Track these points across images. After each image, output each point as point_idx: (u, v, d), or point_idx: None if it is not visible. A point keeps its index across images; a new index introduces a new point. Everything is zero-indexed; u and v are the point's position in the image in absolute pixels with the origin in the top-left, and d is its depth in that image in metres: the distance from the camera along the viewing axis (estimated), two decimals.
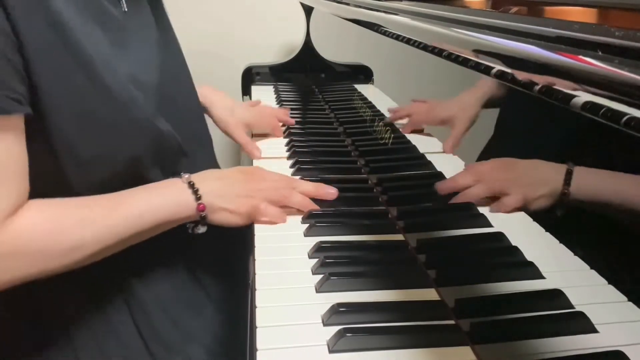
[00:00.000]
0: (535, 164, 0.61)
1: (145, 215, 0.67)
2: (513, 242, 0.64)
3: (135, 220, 0.66)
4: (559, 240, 0.60)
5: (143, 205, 0.67)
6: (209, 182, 0.73)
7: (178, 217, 0.70)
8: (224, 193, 0.73)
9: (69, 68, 0.61)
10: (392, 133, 0.94)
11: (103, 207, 0.65)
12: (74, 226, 0.63)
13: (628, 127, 0.32)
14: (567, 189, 0.53)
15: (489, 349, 0.50)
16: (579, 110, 0.38)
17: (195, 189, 0.71)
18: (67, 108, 0.62)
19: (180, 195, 0.70)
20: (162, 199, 0.69)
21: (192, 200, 0.70)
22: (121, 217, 0.66)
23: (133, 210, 0.67)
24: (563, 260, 0.58)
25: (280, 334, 0.53)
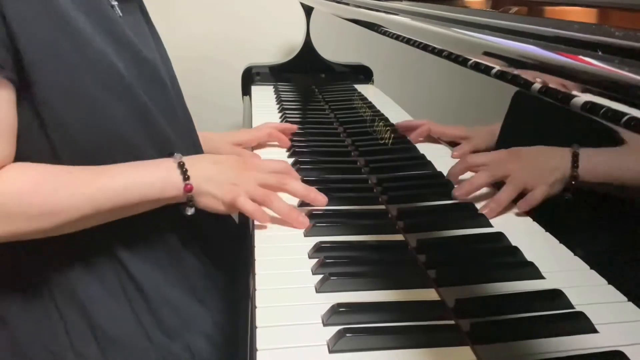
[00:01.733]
0: (540, 151, 0.61)
1: (129, 190, 0.67)
2: (513, 242, 0.64)
3: (118, 193, 0.67)
4: (559, 240, 0.60)
5: (128, 179, 0.68)
6: (200, 165, 0.73)
7: (164, 196, 0.70)
8: (213, 177, 0.73)
9: (56, 39, 0.63)
10: (392, 133, 0.94)
11: (84, 176, 0.66)
12: (51, 190, 0.64)
13: (628, 127, 0.32)
14: (575, 172, 0.53)
15: (489, 349, 0.50)
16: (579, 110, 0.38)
17: (185, 169, 0.71)
18: (55, 78, 0.64)
19: (168, 174, 0.71)
20: (149, 175, 0.69)
21: (180, 181, 0.70)
22: (101, 188, 0.66)
23: (116, 182, 0.67)
24: (563, 260, 0.58)
25: (280, 334, 0.53)
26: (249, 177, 0.76)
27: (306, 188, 0.79)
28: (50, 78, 0.63)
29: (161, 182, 0.70)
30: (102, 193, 0.66)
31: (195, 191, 0.71)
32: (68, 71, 0.65)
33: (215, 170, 0.74)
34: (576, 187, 0.54)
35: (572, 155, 0.53)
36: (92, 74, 0.66)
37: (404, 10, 0.78)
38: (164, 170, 0.71)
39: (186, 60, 1.82)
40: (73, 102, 0.65)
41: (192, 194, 0.71)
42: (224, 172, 0.75)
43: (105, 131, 0.68)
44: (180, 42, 1.80)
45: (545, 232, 0.63)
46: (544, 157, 0.61)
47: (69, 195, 0.64)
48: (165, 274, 0.75)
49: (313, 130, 1.17)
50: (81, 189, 0.65)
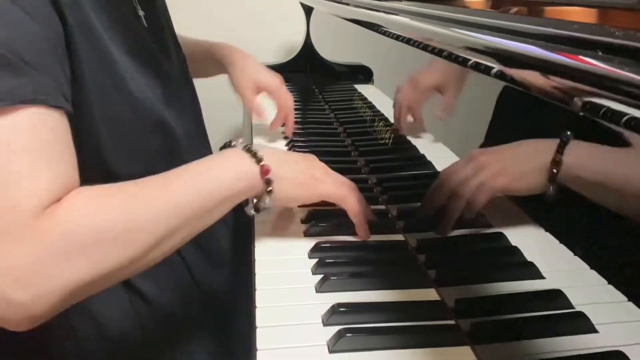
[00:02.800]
0: (519, 142, 0.55)
1: (202, 189, 0.60)
2: (513, 242, 0.64)
3: (195, 195, 0.59)
4: (559, 240, 0.60)
5: (197, 178, 0.60)
6: (269, 149, 0.66)
7: (240, 187, 0.62)
8: (291, 161, 0.67)
9: (97, 70, 0.62)
10: (392, 133, 0.94)
11: (155, 187, 0.58)
12: (120, 209, 0.55)
13: (628, 127, 0.32)
14: (559, 158, 0.47)
15: (489, 349, 0.50)
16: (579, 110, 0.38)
17: (254, 152, 0.64)
18: (97, 110, 0.62)
19: (238, 161, 0.63)
20: (219, 168, 0.62)
21: (253, 164, 0.62)
22: (176, 195, 0.58)
23: (189, 184, 0.59)
24: (563, 260, 0.58)
25: (280, 334, 0.53)
26: (323, 171, 0.70)
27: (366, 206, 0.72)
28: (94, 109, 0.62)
29: (233, 171, 0.62)
30: (178, 200, 0.58)
31: (273, 174, 0.63)
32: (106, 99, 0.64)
33: (288, 156, 0.68)
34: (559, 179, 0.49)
35: (560, 141, 0.48)
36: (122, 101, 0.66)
37: (404, 10, 0.78)
38: (233, 158, 0.64)
39: None
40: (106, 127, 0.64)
41: (270, 177, 0.63)
42: (297, 158, 0.69)
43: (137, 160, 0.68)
44: None
45: (545, 232, 0.63)
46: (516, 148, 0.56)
47: (141, 210, 0.56)
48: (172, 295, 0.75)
49: (313, 130, 1.16)
50: (152, 201, 0.57)
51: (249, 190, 0.63)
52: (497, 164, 0.59)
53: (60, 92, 0.56)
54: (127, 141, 0.68)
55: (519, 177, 0.55)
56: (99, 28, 0.63)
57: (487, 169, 0.60)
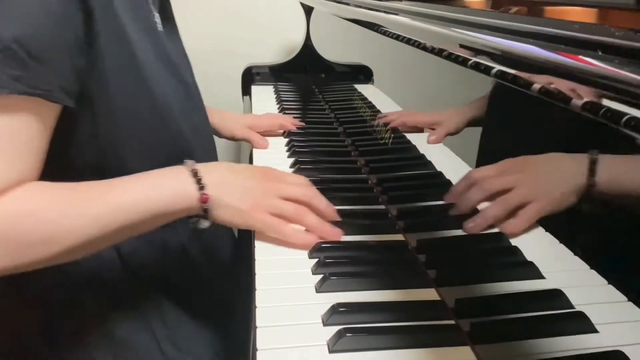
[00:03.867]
0: (551, 158, 0.54)
1: (138, 206, 0.61)
2: (513, 242, 0.64)
3: (127, 210, 0.61)
4: (559, 240, 0.60)
5: (136, 193, 0.62)
6: (217, 173, 0.67)
7: (177, 209, 0.64)
8: (232, 187, 0.66)
9: (123, 68, 0.65)
10: (392, 133, 0.94)
11: (90, 193, 0.61)
12: (50, 214, 0.57)
13: (628, 127, 0.32)
14: (593, 180, 0.47)
15: (489, 349, 0.50)
16: (579, 110, 0.38)
17: (199, 177, 0.64)
18: (117, 107, 0.65)
19: (180, 183, 0.64)
20: (160, 187, 0.63)
21: (194, 190, 0.64)
22: (107, 207, 0.60)
23: (123, 198, 0.61)
24: (563, 260, 0.58)
25: (280, 334, 0.53)
26: (273, 188, 0.69)
27: (332, 207, 0.72)
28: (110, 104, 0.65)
29: (173, 193, 0.63)
30: (108, 212, 0.60)
31: (211, 202, 0.64)
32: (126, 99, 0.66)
33: (232, 178, 0.68)
34: (593, 197, 0.49)
35: (590, 161, 0.48)
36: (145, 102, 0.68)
37: (404, 10, 0.78)
38: (175, 180, 0.64)
39: None
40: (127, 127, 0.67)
41: (207, 206, 0.64)
42: (243, 181, 0.68)
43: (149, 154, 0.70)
44: None
45: (545, 232, 0.63)
46: (552, 165, 0.56)
47: (76, 218, 0.58)
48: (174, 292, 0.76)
49: (313, 130, 1.16)
50: (86, 209, 0.59)
51: (186, 212, 0.65)
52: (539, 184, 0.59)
53: (61, 87, 0.58)
54: (142, 142, 0.70)
55: (560, 199, 0.56)
56: (128, 30, 0.65)
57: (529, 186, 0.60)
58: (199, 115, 0.82)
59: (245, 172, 0.70)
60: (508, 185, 0.62)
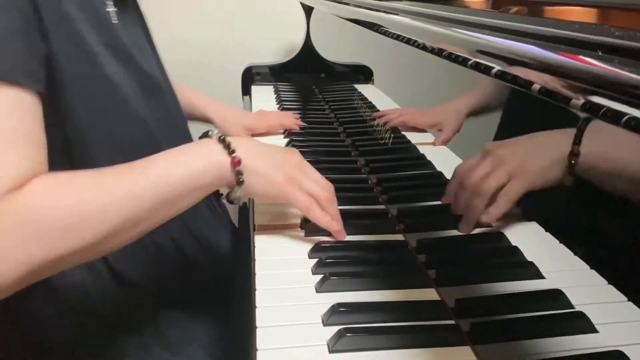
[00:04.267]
0: (534, 135, 0.54)
1: (166, 179, 0.59)
2: (513, 242, 0.64)
3: (159, 182, 0.58)
4: (559, 240, 0.60)
5: (161, 167, 0.59)
6: (245, 142, 0.65)
7: (209, 178, 0.61)
8: (262, 156, 0.65)
9: (73, 55, 0.63)
10: (392, 133, 0.94)
11: (112, 174, 0.58)
12: (77, 196, 0.55)
13: (628, 127, 0.32)
14: (577, 149, 0.46)
15: (489, 349, 0.50)
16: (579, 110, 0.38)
17: (227, 142, 0.62)
18: (75, 94, 0.63)
19: (209, 150, 0.62)
20: (186, 157, 0.61)
21: (225, 155, 0.62)
22: (137, 182, 0.58)
23: (150, 174, 0.58)
24: (563, 260, 0.58)
25: (280, 334, 0.53)
26: (302, 169, 0.68)
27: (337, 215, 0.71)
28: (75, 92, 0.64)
29: (202, 161, 0.61)
30: (142, 189, 0.57)
31: (244, 167, 0.62)
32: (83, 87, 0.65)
33: (261, 148, 0.66)
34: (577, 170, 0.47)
35: (577, 130, 0.46)
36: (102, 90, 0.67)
37: (404, 10, 0.78)
38: (203, 147, 0.62)
39: (185, 60, 1.83)
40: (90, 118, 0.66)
41: (241, 169, 0.62)
42: (274, 154, 0.67)
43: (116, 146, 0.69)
44: (179, 41, 1.80)
45: (545, 232, 0.63)
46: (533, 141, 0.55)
47: (98, 197, 0.56)
48: (167, 294, 0.76)
49: (313, 130, 1.17)
50: (112, 188, 0.57)
51: (219, 181, 0.62)
52: (515, 160, 0.57)
53: (24, 70, 0.57)
54: (104, 127, 0.68)
55: (540, 173, 0.54)
56: (75, 17, 0.64)
57: (506, 165, 0.59)
58: (166, 107, 0.79)
59: (273, 147, 0.69)
60: (503, 182, 0.61)
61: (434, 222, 0.73)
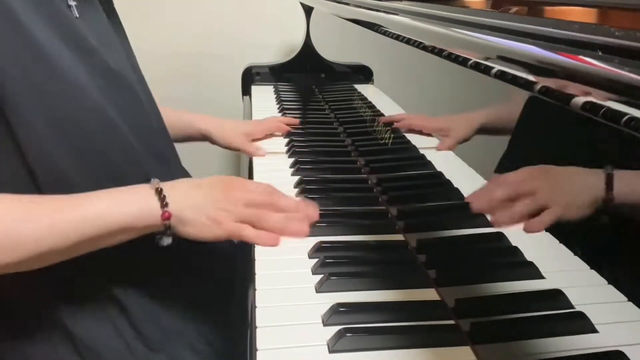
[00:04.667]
0: (572, 171, 0.56)
1: (102, 219, 0.62)
2: (513, 242, 0.64)
3: (90, 223, 0.62)
4: (559, 240, 0.60)
5: (99, 207, 0.63)
6: (180, 190, 0.68)
7: (139, 225, 0.65)
8: (195, 203, 0.68)
9: (20, 54, 0.61)
10: (392, 133, 0.94)
11: (52, 205, 0.61)
12: (9, 221, 0.58)
13: (628, 127, 0.32)
14: (611, 194, 0.49)
15: (489, 349, 0.50)
16: (579, 110, 0.38)
17: (163, 195, 0.66)
18: (32, 104, 0.62)
19: (144, 201, 0.65)
20: (124, 203, 0.65)
21: (157, 208, 0.65)
22: (73, 218, 0.61)
23: (88, 211, 0.62)
24: (563, 260, 0.58)
25: (280, 334, 0.53)
26: (236, 198, 0.71)
27: (296, 201, 0.75)
28: (28, 102, 0.62)
29: (137, 209, 0.64)
30: (73, 223, 0.61)
31: (174, 219, 0.66)
32: (39, 93, 0.63)
33: (195, 194, 0.69)
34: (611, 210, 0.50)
35: (606, 177, 0.49)
36: (61, 92, 0.65)
37: (404, 10, 0.78)
38: (140, 197, 0.66)
39: (186, 60, 1.83)
40: (48, 123, 0.64)
41: (169, 222, 0.66)
42: (206, 195, 0.69)
43: (79, 149, 0.67)
44: (179, 42, 1.80)
45: (545, 232, 0.63)
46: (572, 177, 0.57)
47: (26, 225, 0.59)
48: (147, 290, 0.74)
49: (313, 130, 1.17)
50: (41, 218, 0.60)
51: (149, 228, 0.66)
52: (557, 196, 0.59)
53: None
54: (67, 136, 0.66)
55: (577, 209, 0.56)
56: (21, 16, 0.62)
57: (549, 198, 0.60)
58: (137, 104, 0.77)
59: (207, 186, 0.71)
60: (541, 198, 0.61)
61: (434, 222, 0.73)
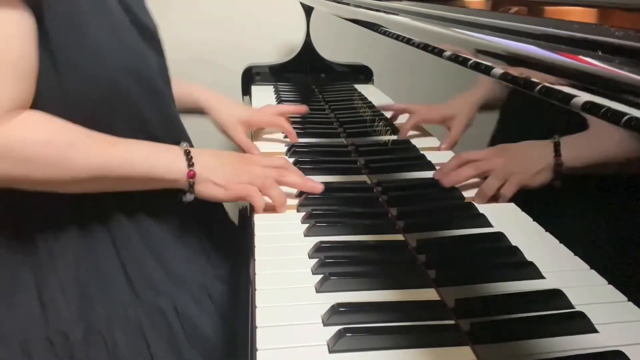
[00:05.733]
0: (526, 144, 0.62)
1: (139, 164, 0.71)
2: (513, 242, 0.64)
3: (128, 164, 0.70)
4: (559, 240, 0.60)
5: (140, 154, 0.72)
6: (204, 156, 0.77)
7: (168, 178, 0.73)
8: (215, 168, 0.77)
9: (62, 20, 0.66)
10: (392, 133, 0.94)
11: (101, 140, 0.70)
12: (67, 145, 0.66)
13: (628, 127, 0.32)
14: (559, 160, 0.54)
15: (489, 349, 0.50)
16: (579, 110, 0.38)
17: (190, 156, 0.75)
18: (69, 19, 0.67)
19: (175, 158, 0.74)
20: (158, 156, 0.73)
21: (185, 166, 0.74)
22: (115, 155, 0.70)
23: (129, 154, 0.71)
24: (563, 260, 0.58)
25: (280, 334, 0.53)
26: (250, 170, 0.79)
27: (303, 179, 0.82)
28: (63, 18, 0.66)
29: (168, 163, 0.73)
30: (114, 160, 0.69)
31: (197, 178, 0.74)
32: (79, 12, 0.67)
33: (217, 161, 0.78)
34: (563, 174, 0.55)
35: (554, 145, 0.54)
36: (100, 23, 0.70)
37: (404, 10, 0.78)
38: (171, 155, 0.75)
39: (186, 60, 1.83)
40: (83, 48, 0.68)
41: (193, 180, 0.74)
42: (225, 164, 0.78)
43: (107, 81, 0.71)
44: (179, 42, 1.80)
45: (545, 232, 0.63)
46: (527, 149, 0.62)
47: (83, 154, 0.67)
48: (157, 228, 0.78)
49: (313, 130, 1.16)
50: (96, 151, 0.68)
51: (174, 183, 0.75)
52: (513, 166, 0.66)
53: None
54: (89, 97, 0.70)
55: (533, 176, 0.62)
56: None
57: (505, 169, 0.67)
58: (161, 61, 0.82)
59: (227, 157, 0.81)
60: (492, 167, 0.69)
61: (434, 222, 0.73)
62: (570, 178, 0.54)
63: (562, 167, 0.54)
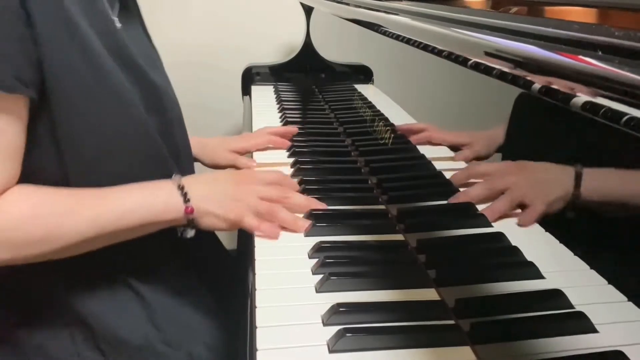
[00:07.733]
0: (546, 167, 0.60)
1: (132, 213, 0.68)
2: (513, 242, 0.64)
3: (121, 216, 0.67)
4: (559, 240, 0.60)
5: (131, 202, 0.68)
6: (199, 185, 0.73)
7: (165, 219, 0.70)
8: (213, 197, 0.73)
9: (76, 60, 0.64)
10: (392, 133, 0.94)
11: (86, 199, 0.67)
12: (51, 215, 0.64)
13: (628, 127, 0.32)
14: (577, 191, 0.53)
15: (489, 349, 0.50)
16: (579, 110, 0.38)
17: (185, 192, 0.71)
18: (74, 99, 0.65)
19: (169, 197, 0.70)
20: (151, 198, 0.69)
21: (181, 203, 0.70)
22: (106, 212, 0.66)
23: (119, 206, 0.67)
24: (563, 260, 0.58)
25: (280, 334, 0.53)
26: (249, 190, 0.75)
27: (307, 199, 0.77)
28: (70, 97, 0.65)
29: (162, 205, 0.70)
30: (106, 216, 0.66)
31: (196, 213, 0.71)
32: (84, 93, 0.66)
33: (213, 189, 0.74)
34: (578, 206, 0.54)
35: (575, 174, 0.53)
36: (105, 96, 0.68)
37: (404, 10, 0.78)
38: (164, 193, 0.70)
39: (186, 60, 1.83)
40: (87, 123, 0.67)
41: (193, 216, 0.71)
42: (222, 189, 0.75)
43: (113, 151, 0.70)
44: (179, 42, 1.80)
45: (545, 232, 0.63)
46: (546, 174, 0.61)
47: (70, 219, 0.65)
48: (167, 285, 0.76)
49: (313, 130, 1.16)
50: (83, 212, 0.65)
51: (173, 221, 0.71)
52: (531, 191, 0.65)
53: (16, 76, 0.60)
54: (105, 138, 0.69)
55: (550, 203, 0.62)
56: (79, 22, 0.64)
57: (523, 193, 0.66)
58: (168, 118, 0.79)
59: (222, 181, 0.78)
60: (507, 186, 0.67)
61: (434, 222, 0.73)
62: None
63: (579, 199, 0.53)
